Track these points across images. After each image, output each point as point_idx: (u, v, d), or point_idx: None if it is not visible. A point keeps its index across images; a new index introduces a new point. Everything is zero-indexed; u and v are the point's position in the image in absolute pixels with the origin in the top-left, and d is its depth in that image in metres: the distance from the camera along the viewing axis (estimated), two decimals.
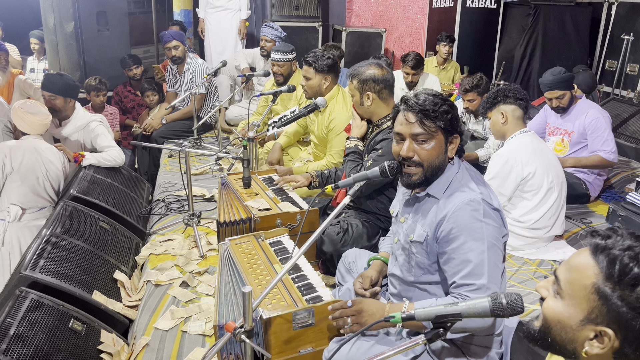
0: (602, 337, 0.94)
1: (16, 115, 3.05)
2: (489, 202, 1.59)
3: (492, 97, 2.73)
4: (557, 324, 0.99)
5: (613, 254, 0.93)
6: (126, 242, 2.81)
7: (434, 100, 1.62)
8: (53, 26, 5.01)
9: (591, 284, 0.95)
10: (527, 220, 2.70)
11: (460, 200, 1.58)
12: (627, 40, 5.81)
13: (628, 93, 5.73)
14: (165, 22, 6.35)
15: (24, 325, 1.83)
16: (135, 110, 5.24)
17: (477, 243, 1.52)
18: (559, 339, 1.00)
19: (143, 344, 2.02)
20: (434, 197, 1.66)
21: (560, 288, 0.99)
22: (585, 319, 0.95)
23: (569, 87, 3.33)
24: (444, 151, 1.65)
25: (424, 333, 1.13)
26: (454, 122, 1.64)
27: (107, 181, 3.29)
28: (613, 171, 4.05)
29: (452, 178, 1.66)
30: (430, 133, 1.61)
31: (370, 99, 2.44)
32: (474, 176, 1.68)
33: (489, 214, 1.56)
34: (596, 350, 0.95)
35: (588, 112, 3.32)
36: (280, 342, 1.64)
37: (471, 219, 1.55)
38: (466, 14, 6.34)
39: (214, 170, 3.80)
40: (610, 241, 0.96)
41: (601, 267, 0.94)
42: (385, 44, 6.16)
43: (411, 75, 4.68)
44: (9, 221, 2.99)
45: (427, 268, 1.66)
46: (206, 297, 2.33)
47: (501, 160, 2.64)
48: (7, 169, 2.99)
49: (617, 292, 0.92)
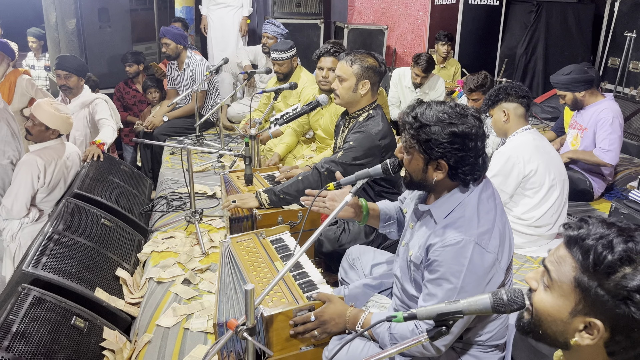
0: (592, 328, 0.94)
1: (48, 112, 3.02)
2: (483, 247, 1.45)
3: (494, 95, 2.71)
4: (547, 316, 1.00)
5: (587, 245, 0.93)
6: (128, 239, 2.81)
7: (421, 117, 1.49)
8: (55, 23, 5.01)
9: (572, 277, 0.95)
10: (529, 217, 2.70)
11: (452, 238, 1.47)
12: (629, 37, 5.79)
13: (630, 90, 5.71)
14: (167, 19, 6.34)
15: (27, 322, 1.83)
16: (137, 107, 5.23)
17: (446, 284, 1.47)
18: (550, 332, 1.00)
19: (145, 341, 2.02)
20: (433, 220, 1.58)
21: (550, 280, 0.99)
22: (573, 312, 0.96)
23: (569, 89, 3.32)
24: (421, 170, 1.54)
25: (426, 331, 1.13)
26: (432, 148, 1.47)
27: (109, 178, 3.29)
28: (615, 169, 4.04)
29: (457, 204, 1.54)
30: (406, 146, 1.55)
31: (366, 87, 2.42)
32: (482, 208, 1.52)
33: (475, 261, 1.45)
34: (587, 342, 0.95)
35: (602, 110, 3.30)
36: (281, 340, 1.64)
37: (454, 261, 1.45)
38: (468, 11, 6.32)
39: (215, 168, 3.80)
40: (582, 232, 0.96)
41: (577, 259, 0.95)
42: (387, 41, 6.14)
43: (421, 77, 4.63)
44: (28, 222, 3.03)
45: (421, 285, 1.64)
46: (208, 294, 2.33)
47: (503, 158, 2.64)
48: (39, 183, 3.04)
49: (596, 282, 0.91)
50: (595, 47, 6.44)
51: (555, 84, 3.37)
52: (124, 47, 5.23)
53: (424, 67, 4.54)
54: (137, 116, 5.19)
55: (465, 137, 1.45)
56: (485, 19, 6.43)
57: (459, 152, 1.46)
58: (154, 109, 5.02)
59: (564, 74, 3.32)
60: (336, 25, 6.46)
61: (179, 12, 6.21)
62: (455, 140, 1.45)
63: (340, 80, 2.44)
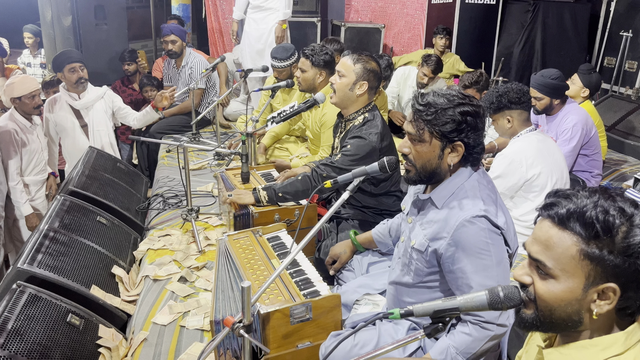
0: (606, 294, 0.95)
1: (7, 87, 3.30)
2: (492, 220, 1.49)
3: (496, 103, 2.64)
4: (560, 302, 0.98)
5: (587, 217, 0.94)
6: (124, 237, 2.81)
7: (434, 103, 1.53)
8: (50, 20, 4.98)
9: (577, 251, 0.95)
10: (528, 220, 2.69)
11: (461, 217, 1.50)
12: (625, 37, 5.81)
13: (626, 90, 5.74)
14: (164, 17, 6.32)
15: (22, 319, 1.83)
16: (133, 105, 5.22)
17: (485, 261, 1.47)
18: (564, 315, 0.99)
19: (141, 339, 2.02)
20: (435, 206, 1.60)
21: (549, 268, 0.98)
22: (586, 286, 0.96)
23: (550, 94, 3.25)
24: (437, 157, 1.56)
25: (423, 328, 1.13)
26: (451, 130, 1.51)
27: (105, 176, 3.28)
28: (610, 168, 4.06)
29: (456, 188, 1.57)
30: (421, 135, 1.56)
31: (363, 89, 2.42)
32: (483, 191, 1.56)
33: (493, 231, 1.49)
34: (606, 308, 0.95)
35: (568, 118, 3.28)
36: (278, 337, 1.64)
37: (475, 237, 1.47)
38: (465, 10, 6.34)
39: (212, 166, 3.79)
40: (572, 206, 0.96)
41: (578, 233, 0.94)
42: (384, 39, 6.15)
43: (427, 78, 4.58)
44: None
45: (424, 275, 1.65)
46: (204, 292, 2.33)
47: (505, 160, 2.63)
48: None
49: (605, 249, 0.93)
50: (591, 46, 6.46)
51: (538, 85, 3.24)
52: (120, 44, 5.22)
53: (433, 68, 4.49)
54: None
55: (476, 116, 1.52)
56: (482, 18, 6.45)
57: (474, 131, 1.53)
58: None
59: (552, 77, 3.22)
60: (333, 23, 6.46)
61: (175, 10, 6.18)
62: (469, 120, 1.51)
63: (339, 75, 2.44)
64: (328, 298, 1.70)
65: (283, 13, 4.72)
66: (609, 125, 4.74)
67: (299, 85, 3.25)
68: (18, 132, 3.36)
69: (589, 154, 3.38)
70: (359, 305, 1.90)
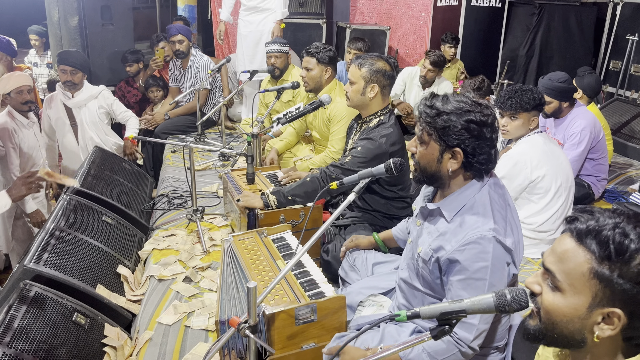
0: (611, 318, 0.93)
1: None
2: (501, 242, 1.46)
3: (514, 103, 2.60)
4: (562, 317, 0.97)
5: (603, 236, 0.92)
6: (129, 236, 2.81)
7: (438, 106, 1.52)
8: (57, 20, 5.01)
9: (588, 269, 0.93)
10: (532, 222, 2.68)
11: (470, 236, 1.47)
12: (631, 40, 5.79)
13: (632, 94, 5.72)
14: (169, 17, 6.34)
15: (28, 318, 1.84)
16: (138, 105, 5.23)
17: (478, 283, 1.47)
18: (567, 332, 0.97)
19: (146, 338, 2.03)
20: (444, 218, 1.58)
21: (558, 280, 0.97)
22: (591, 306, 0.94)
23: (559, 97, 3.24)
24: (436, 160, 1.55)
25: (429, 330, 1.13)
26: (449, 135, 1.49)
27: (110, 176, 3.29)
28: (616, 172, 4.05)
29: (467, 200, 1.54)
30: (421, 136, 1.57)
31: (374, 91, 2.42)
32: (494, 205, 1.52)
33: (497, 255, 1.46)
34: (608, 333, 0.93)
35: (577, 122, 3.27)
36: (283, 338, 1.65)
37: (476, 258, 1.46)
38: (470, 13, 6.33)
39: (217, 166, 3.80)
40: (592, 223, 0.94)
41: (592, 251, 0.93)
42: (389, 41, 6.14)
43: (427, 70, 4.64)
44: None
45: (429, 282, 1.65)
46: (209, 292, 2.33)
47: (510, 162, 2.62)
48: None
49: (617, 271, 0.90)
50: (597, 49, 6.44)
51: (546, 89, 3.21)
52: (126, 45, 5.24)
53: (432, 60, 4.58)
54: (139, 115, 5.18)
55: (482, 125, 1.48)
56: (487, 21, 6.43)
57: (476, 140, 1.49)
58: (156, 107, 5.02)
59: (560, 81, 3.21)
60: (338, 25, 6.45)
61: (181, 11, 6.21)
62: (471, 128, 1.48)
63: (350, 83, 2.46)
64: (333, 299, 1.70)
65: (281, 12, 4.73)
66: (615, 129, 4.72)
67: (306, 85, 3.26)
68: (15, 129, 3.38)
69: (596, 158, 3.37)
70: (364, 307, 1.90)
